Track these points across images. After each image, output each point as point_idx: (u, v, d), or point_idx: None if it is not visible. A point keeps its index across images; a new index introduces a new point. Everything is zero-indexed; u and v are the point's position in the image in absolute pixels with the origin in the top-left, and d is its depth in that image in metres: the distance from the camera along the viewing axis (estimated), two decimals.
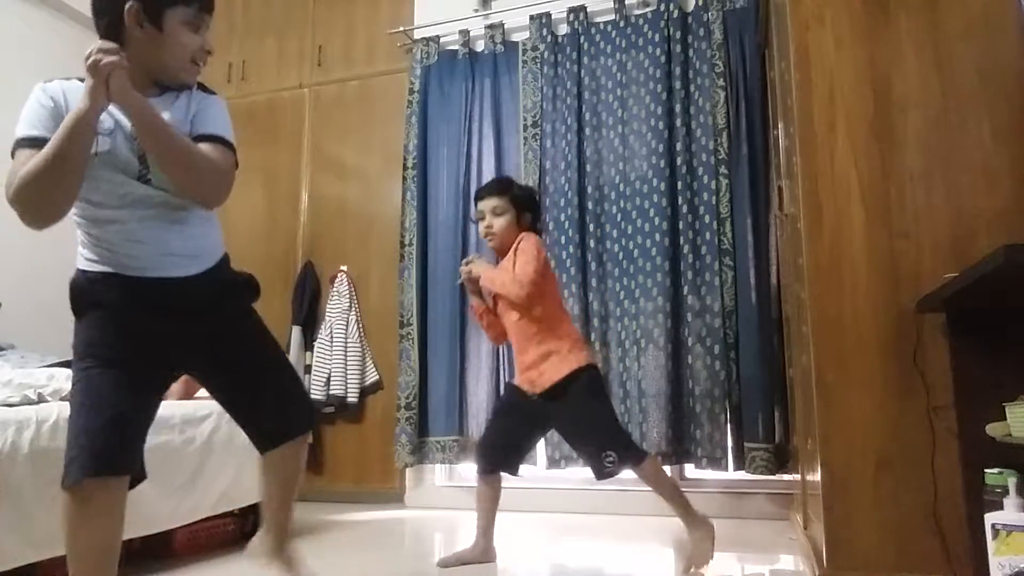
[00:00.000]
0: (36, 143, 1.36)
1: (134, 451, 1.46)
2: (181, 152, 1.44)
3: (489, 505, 2.38)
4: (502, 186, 2.44)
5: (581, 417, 2.23)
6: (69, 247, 1.52)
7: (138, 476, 1.49)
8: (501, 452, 2.37)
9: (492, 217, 2.35)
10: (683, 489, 3.23)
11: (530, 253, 2.23)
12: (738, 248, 3.19)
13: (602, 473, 2.18)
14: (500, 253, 2.37)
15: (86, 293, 1.47)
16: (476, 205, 2.42)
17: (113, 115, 1.44)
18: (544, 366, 2.23)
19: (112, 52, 1.32)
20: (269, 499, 1.74)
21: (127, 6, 1.40)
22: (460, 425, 3.48)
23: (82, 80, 1.40)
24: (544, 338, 2.25)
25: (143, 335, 1.47)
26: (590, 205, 3.44)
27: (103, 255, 1.46)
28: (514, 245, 2.30)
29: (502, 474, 2.38)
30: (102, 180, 1.42)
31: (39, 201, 1.35)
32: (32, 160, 1.33)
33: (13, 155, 1.40)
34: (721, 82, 3.30)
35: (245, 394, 1.64)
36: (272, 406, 1.66)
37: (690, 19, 3.43)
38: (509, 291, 2.23)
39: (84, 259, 1.49)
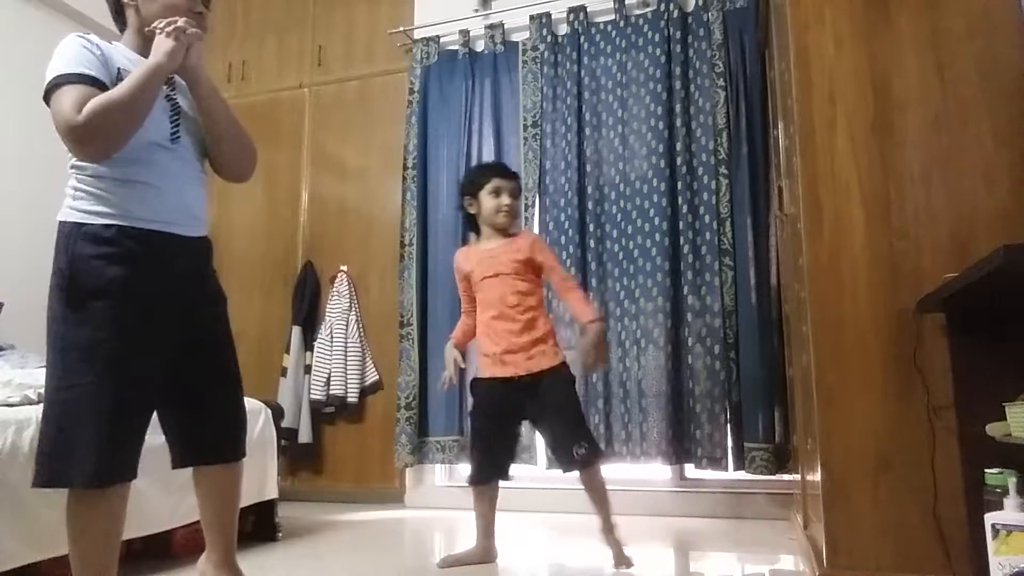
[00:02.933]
0: (88, 80, 1.39)
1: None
2: (236, 125, 1.59)
3: (489, 509, 2.37)
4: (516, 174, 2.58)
5: (563, 405, 2.30)
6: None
7: None
8: (498, 460, 2.36)
9: (511, 199, 2.40)
10: (683, 489, 3.28)
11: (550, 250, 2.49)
12: (738, 248, 3.19)
13: (571, 464, 2.24)
14: (501, 232, 2.41)
15: (90, 271, 1.39)
16: (492, 180, 2.41)
17: None
18: (534, 351, 2.30)
19: (196, 26, 1.48)
20: (207, 524, 1.63)
21: None
22: (460, 425, 3.48)
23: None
24: (535, 326, 2.33)
25: (144, 324, 1.44)
26: (590, 205, 3.44)
27: (113, 205, 1.43)
28: (529, 242, 2.40)
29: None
30: None
31: (115, 133, 1.39)
32: (107, 96, 1.36)
33: (53, 91, 1.38)
34: (721, 82, 3.30)
35: (199, 403, 1.56)
36: (221, 421, 1.60)
37: (690, 19, 3.43)
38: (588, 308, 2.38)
39: (83, 211, 1.42)
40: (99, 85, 1.40)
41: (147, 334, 1.44)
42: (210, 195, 1.71)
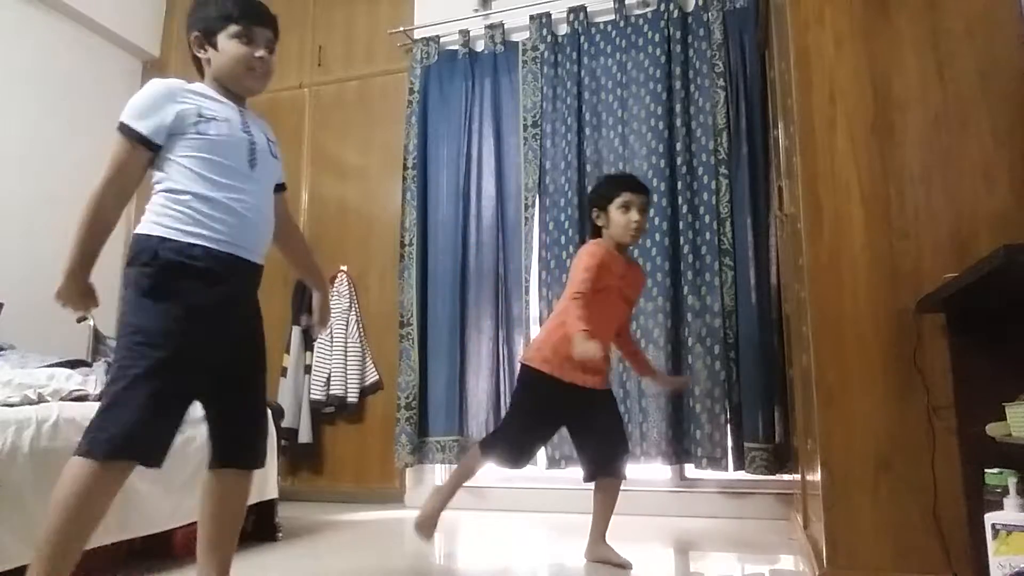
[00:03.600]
0: (136, 138, 1.52)
1: None
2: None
3: (465, 481, 2.40)
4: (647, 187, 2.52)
5: (618, 418, 2.45)
6: (68, 248, 1.53)
7: None
8: (530, 455, 2.41)
9: (642, 215, 2.33)
10: (683, 489, 3.28)
11: None
12: (738, 248, 3.19)
13: (616, 470, 2.33)
14: (622, 247, 2.38)
15: (172, 271, 1.50)
16: (622, 193, 2.32)
17: (227, 107, 1.63)
18: (606, 370, 2.40)
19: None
20: (210, 541, 1.65)
21: (191, 37, 1.65)
22: (460, 425, 3.48)
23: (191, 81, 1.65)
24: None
25: (202, 331, 1.54)
26: None
27: (202, 226, 1.54)
28: (644, 280, 2.47)
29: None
30: (217, 161, 1.57)
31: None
32: (86, 210, 1.50)
33: (118, 133, 1.52)
34: (721, 82, 3.30)
35: (236, 409, 1.67)
36: (251, 428, 1.70)
37: (690, 19, 3.44)
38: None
39: (169, 228, 1.53)
40: (144, 143, 1.53)
41: (202, 340, 1.54)
42: None
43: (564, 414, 2.37)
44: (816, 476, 1.91)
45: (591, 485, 2.35)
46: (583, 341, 2.08)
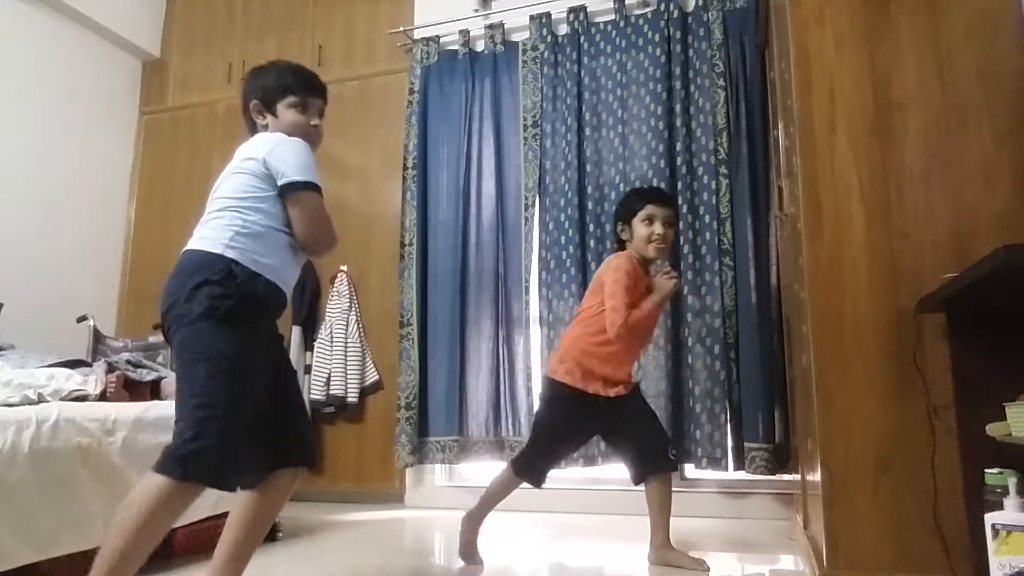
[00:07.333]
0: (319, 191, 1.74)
1: None
2: None
3: (497, 504, 2.40)
4: (673, 200, 2.50)
5: (651, 413, 2.38)
6: (68, 248, 1.53)
7: None
8: (553, 467, 2.39)
9: (666, 228, 2.33)
10: (683, 489, 3.28)
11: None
12: (738, 248, 3.19)
13: (665, 465, 2.28)
14: (646, 262, 2.37)
15: (246, 299, 1.59)
16: (646, 206, 2.33)
17: None
18: (630, 379, 2.36)
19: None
20: (238, 543, 1.68)
21: (251, 104, 1.81)
22: (460, 425, 3.48)
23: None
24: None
25: (263, 351, 1.66)
26: (590, 205, 3.44)
27: (269, 258, 1.66)
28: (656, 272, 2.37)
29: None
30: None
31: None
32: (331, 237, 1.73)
33: (314, 192, 1.71)
34: (721, 82, 3.30)
35: (292, 416, 1.76)
36: (299, 430, 1.78)
37: (690, 19, 3.44)
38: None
39: (243, 255, 1.62)
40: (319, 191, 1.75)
41: (266, 366, 1.67)
42: None
43: (595, 424, 2.35)
44: (816, 476, 1.91)
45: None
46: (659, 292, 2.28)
